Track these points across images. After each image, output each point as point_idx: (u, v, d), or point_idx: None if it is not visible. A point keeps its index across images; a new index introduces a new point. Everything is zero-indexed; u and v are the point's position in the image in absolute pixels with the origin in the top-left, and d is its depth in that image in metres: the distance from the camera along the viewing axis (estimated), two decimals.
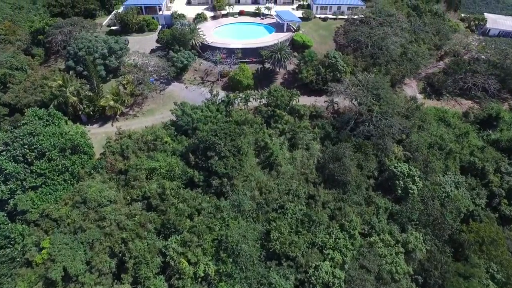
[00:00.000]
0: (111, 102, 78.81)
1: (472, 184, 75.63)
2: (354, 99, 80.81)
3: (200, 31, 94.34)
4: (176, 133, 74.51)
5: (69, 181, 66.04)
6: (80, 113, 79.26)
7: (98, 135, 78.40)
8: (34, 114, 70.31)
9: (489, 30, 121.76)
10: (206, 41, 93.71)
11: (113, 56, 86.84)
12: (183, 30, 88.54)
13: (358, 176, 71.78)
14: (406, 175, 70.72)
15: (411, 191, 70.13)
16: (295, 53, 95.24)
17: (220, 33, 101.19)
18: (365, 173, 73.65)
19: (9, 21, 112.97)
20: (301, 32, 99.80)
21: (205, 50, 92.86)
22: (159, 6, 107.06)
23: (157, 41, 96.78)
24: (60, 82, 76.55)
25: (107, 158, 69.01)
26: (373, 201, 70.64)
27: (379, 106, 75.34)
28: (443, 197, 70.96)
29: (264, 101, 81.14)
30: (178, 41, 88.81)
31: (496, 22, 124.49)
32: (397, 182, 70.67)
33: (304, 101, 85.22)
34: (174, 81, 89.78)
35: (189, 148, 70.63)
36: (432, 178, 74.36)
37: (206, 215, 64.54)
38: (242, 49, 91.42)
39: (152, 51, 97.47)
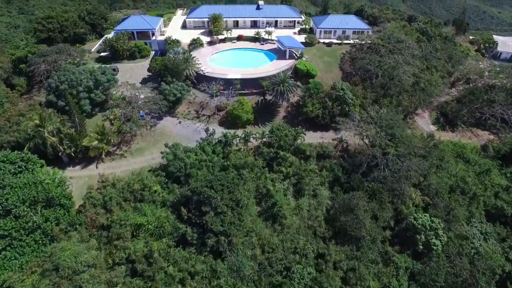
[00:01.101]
0: (95, 143, 68.76)
1: (501, 234, 65.77)
2: (365, 137, 71.26)
3: (196, 59, 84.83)
4: (166, 180, 64.40)
5: (40, 242, 55.50)
6: (60, 154, 69.06)
7: (80, 179, 68.36)
8: (4, 159, 60.19)
9: (500, 53, 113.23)
10: (202, 70, 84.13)
11: (100, 89, 77.02)
12: (176, 60, 78.91)
13: (373, 229, 61.70)
14: (428, 228, 60.72)
15: (435, 247, 60.19)
16: (299, 83, 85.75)
17: (217, 60, 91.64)
18: (381, 224, 63.62)
19: None
20: (304, 59, 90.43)
21: (200, 80, 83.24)
22: (151, 31, 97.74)
23: (148, 70, 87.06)
24: (37, 121, 66.56)
25: (87, 213, 58.70)
26: (391, 259, 60.45)
27: (395, 148, 65.48)
28: (472, 253, 60.89)
29: (266, 139, 71.32)
30: (170, 72, 79.18)
31: (507, 44, 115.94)
32: (418, 237, 60.62)
33: (310, 137, 75.60)
34: (166, 115, 79.87)
35: (181, 199, 60.57)
36: (456, 229, 64.50)
37: (200, 281, 54.33)
38: (240, 79, 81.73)
39: (144, 80, 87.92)
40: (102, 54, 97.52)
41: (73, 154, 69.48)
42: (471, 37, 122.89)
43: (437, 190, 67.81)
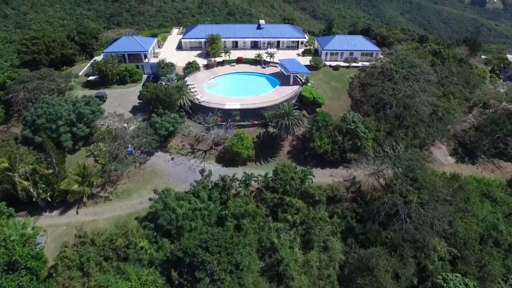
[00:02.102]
0: (75, 186, 58.96)
1: None
2: (381, 178, 61.67)
3: (190, 87, 75.44)
4: (155, 233, 54.37)
5: None
6: (34, 199, 59.09)
7: (57, 228, 58.49)
8: None
9: None
10: (197, 99, 74.55)
11: (83, 122, 67.21)
12: (169, 89, 69.31)
13: None
14: None
15: None
16: (304, 112, 76.30)
17: (214, 87, 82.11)
18: (403, 284, 53.63)
19: None
20: (310, 84, 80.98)
21: (196, 110, 73.61)
22: (144, 54, 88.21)
23: (139, 98, 77.34)
24: (6, 164, 56.70)
25: (59, 277, 48.56)
26: None
27: (418, 195, 55.68)
28: None
29: (269, 181, 61.61)
30: (162, 102, 69.51)
31: None
32: None
33: (318, 175, 65.94)
34: (157, 150, 69.99)
35: (172, 258, 50.60)
36: None
37: None
38: (240, 110, 72.07)
39: (134, 108, 78.26)
40: (91, 78, 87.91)
41: (49, 199, 59.51)
42: (483, 57, 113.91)
43: (465, 240, 58.17)
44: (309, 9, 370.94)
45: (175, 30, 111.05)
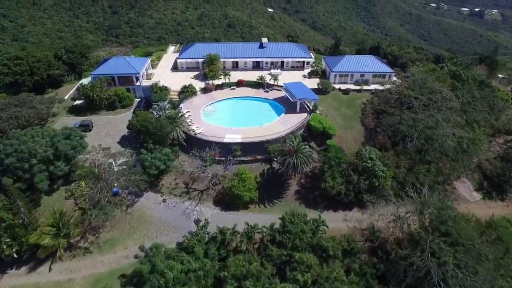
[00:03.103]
0: (47, 240, 49.23)
1: None
2: (405, 225, 51.95)
3: (185, 117, 66.03)
4: None
5: None
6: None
7: None
8: None
9: None
10: (193, 130, 64.94)
11: (62, 159, 57.42)
12: (160, 122, 59.69)
13: None
14: None
15: None
16: (313, 143, 66.81)
17: (212, 114, 72.49)
18: None
19: None
20: (318, 112, 71.45)
21: (191, 143, 64.08)
22: (135, 76, 78.72)
23: (128, 128, 67.67)
24: None
25: None
26: None
27: (453, 254, 45.77)
28: None
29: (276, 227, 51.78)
30: (153, 136, 59.85)
31: None
32: None
33: (330, 219, 56.36)
34: (147, 189, 60.22)
35: None
36: None
37: None
38: (241, 144, 62.42)
39: (123, 139, 68.73)
40: (78, 102, 78.46)
41: (15, 255, 49.63)
42: (500, 75, 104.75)
43: None
44: (309, 20, 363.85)
45: (171, 48, 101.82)
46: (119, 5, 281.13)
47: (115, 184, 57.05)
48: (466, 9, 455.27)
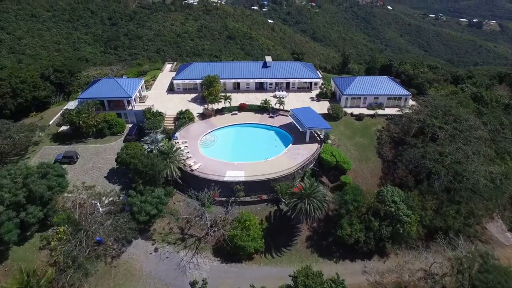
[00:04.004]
0: None
1: None
2: (437, 285, 43.04)
3: (182, 148, 57.24)
4: None
5: None
6: None
7: None
8: None
9: None
10: (190, 166, 56.14)
11: (38, 202, 48.58)
12: (152, 160, 50.91)
13: None
14: None
15: None
16: (325, 178, 58.17)
17: (211, 145, 63.70)
18: None
19: None
20: (330, 142, 62.75)
21: (187, 180, 55.34)
22: (127, 100, 70.14)
23: (116, 161, 58.83)
24: None
25: None
26: None
27: None
28: None
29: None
30: (143, 176, 51.05)
31: None
32: None
33: (347, 271, 48.40)
34: (137, 236, 51.21)
35: None
36: None
37: None
38: (245, 183, 53.56)
39: (112, 173, 60.16)
40: (63, 128, 69.82)
41: None
42: None
43: None
44: (309, 31, 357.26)
45: (167, 66, 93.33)
46: (119, 16, 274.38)
47: (99, 232, 48.06)
48: (464, 20, 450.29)
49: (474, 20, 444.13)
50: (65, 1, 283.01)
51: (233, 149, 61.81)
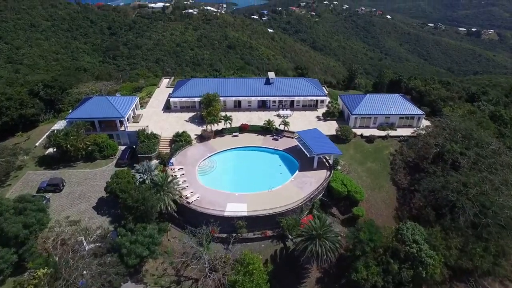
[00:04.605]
0: None
1: None
2: None
3: (179, 174, 51.28)
4: None
5: None
6: None
7: None
8: None
9: None
10: (186, 197, 50.02)
11: (12, 242, 42.44)
12: (143, 193, 44.80)
13: None
14: None
15: None
16: (335, 209, 52.09)
17: (210, 172, 57.61)
18: None
19: None
20: (339, 168, 56.76)
21: (184, 214, 49.18)
22: (120, 120, 64.24)
23: (106, 191, 52.74)
24: None
25: None
26: None
27: None
28: None
29: None
30: (134, 212, 44.91)
31: None
32: None
33: None
34: (127, 279, 44.88)
35: None
36: None
37: None
38: (247, 218, 47.41)
39: (101, 202, 54.13)
40: (50, 150, 63.90)
41: None
42: None
43: None
44: (309, 40, 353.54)
45: (164, 82, 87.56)
46: (118, 26, 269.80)
47: (82, 276, 41.79)
48: (463, 29, 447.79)
49: (473, 29, 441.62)
50: (65, 10, 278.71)
51: (234, 177, 55.66)
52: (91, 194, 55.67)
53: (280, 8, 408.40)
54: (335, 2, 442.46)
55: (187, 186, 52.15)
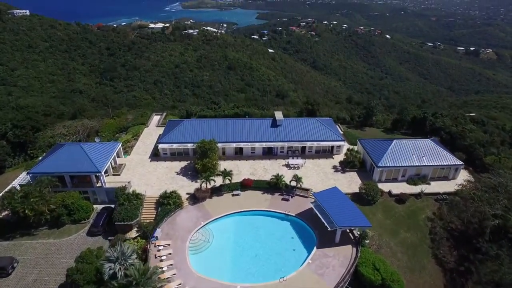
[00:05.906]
0: None
1: None
2: None
3: (165, 255, 37.94)
4: None
5: None
6: None
7: None
8: None
9: None
10: None
11: None
12: None
13: None
14: None
15: None
16: None
17: (204, 247, 44.29)
18: None
19: None
20: (367, 242, 43.51)
21: None
22: (95, 175, 51.26)
23: (67, 280, 39.30)
24: None
25: None
26: None
27: None
28: None
29: None
30: None
31: None
32: None
33: None
34: None
35: None
36: None
37: None
38: None
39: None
40: (5, 213, 50.70)
41: None
42: None
43: None
44: (310, 60, 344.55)
45: (155, 119, 74.99)
46: (117, 47, 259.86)
47: None
48: (461, 48, 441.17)
49: (471, 49, 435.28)
50: (64, 31, 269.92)
51: (234, 257, 42.31)
52: (50, 279, 42.40)
53: (280, 28, 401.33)
54: (334, 22, 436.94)
55: (174, 275, 38.81)
